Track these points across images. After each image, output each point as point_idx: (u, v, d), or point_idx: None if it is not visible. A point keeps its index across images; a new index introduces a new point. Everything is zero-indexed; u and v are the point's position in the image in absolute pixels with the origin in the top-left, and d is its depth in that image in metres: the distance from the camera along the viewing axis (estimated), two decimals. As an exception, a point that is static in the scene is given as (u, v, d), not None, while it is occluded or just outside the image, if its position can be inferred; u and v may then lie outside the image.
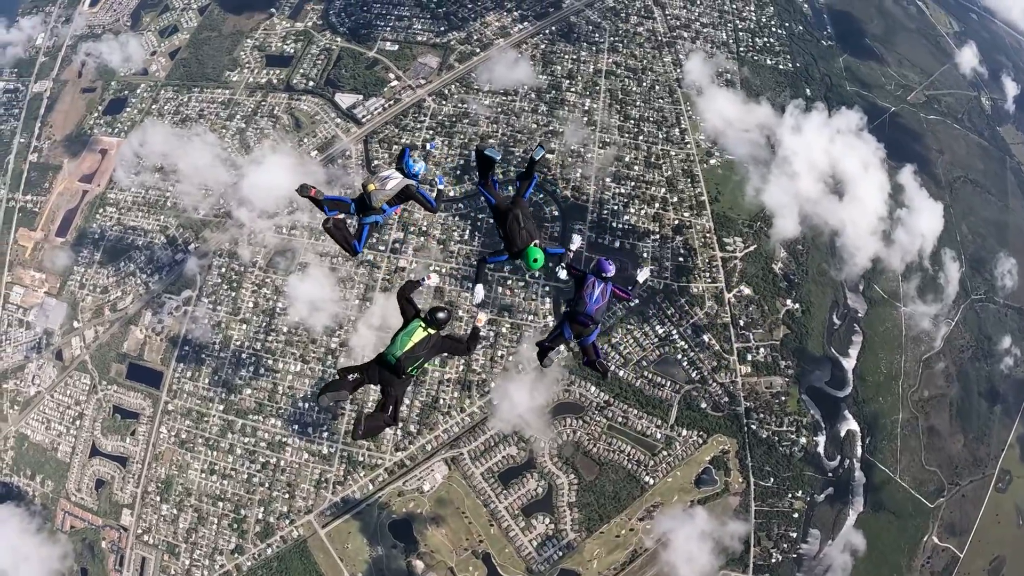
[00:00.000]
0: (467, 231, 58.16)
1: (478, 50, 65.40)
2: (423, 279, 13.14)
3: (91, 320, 60.75)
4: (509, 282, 56.26)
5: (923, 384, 62.61)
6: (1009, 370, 67.89)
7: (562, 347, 12.75)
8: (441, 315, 11.50)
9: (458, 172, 59.89)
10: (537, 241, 12.43)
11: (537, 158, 13.76)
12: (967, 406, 64.62)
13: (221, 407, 55.42)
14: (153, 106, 68.11)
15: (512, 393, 52.90)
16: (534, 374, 53.42)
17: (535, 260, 12.14)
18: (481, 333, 12.81)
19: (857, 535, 56.31)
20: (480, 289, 13.48)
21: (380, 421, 11.61)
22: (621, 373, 54.50)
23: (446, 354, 12.03)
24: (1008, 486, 62.58)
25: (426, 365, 11.78)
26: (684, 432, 54.01)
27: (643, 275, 14.51)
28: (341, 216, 12.44)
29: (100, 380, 58.37)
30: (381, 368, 11.31)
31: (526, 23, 67.25)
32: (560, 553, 51.71)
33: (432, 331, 11.37)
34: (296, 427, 54.21)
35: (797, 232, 60.60)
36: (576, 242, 14.80)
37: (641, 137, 61.84)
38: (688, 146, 61.70)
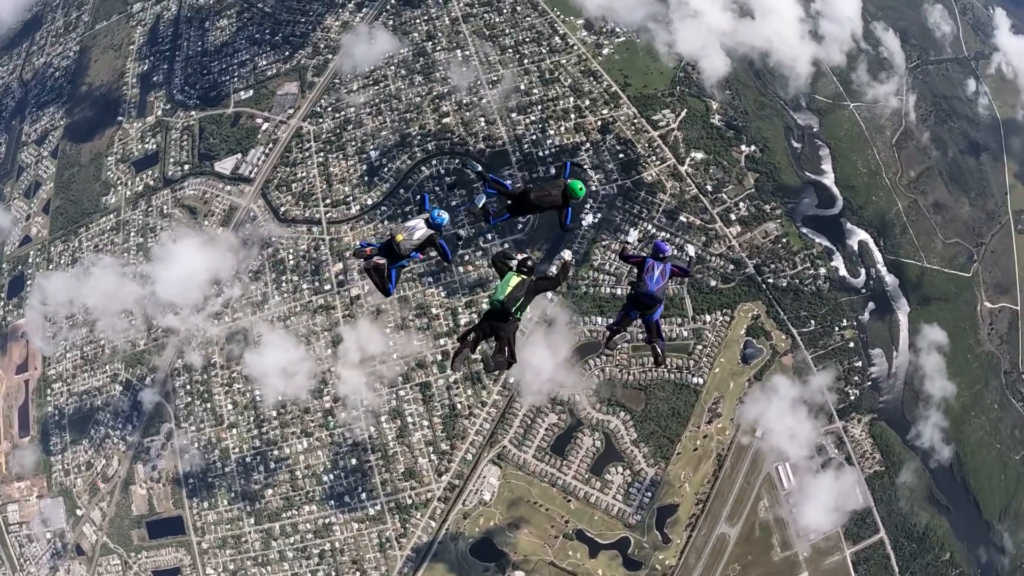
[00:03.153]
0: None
1: (330, 56, 61.61)
2: (512, 256, 13.95)
3: (91, 501, 56.83)
4: (480, 254, 52.89)
5: (905, 166, 60.59)
6: (978, 117, 66.52)
7: (627, 332, 12.93)
8: (530, 263, 13.19)
9: (365, 179, 56.15)
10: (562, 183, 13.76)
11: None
12: (956, 168, 63.00)
13: (252, 520, 51.69)
14: (50, 267, 63.88)
15: (531, 360, 48.94)
16: (541, 332, 49.96)
17: (580, 188, 13.54)
18: (571, 266, 14.47)
19: (934, 330, 54.69)
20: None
21: (502, 358, 12.89)
22: (619, 291, 50.97)
23: (541, 293, 13.45)
24: (1027, 223, 60.96)
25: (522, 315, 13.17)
26: (708, 318, 50.81)
27: (691, 250, 18.07)
28: (383, 261, 13.27)
29: (128, 554, 54.59)
30: (490, 319, 12.72)
31: (364, 8, 63.20)
32: (649, 494, 48.69)
33: (524, 276, 12.79)
34: (333, 503, 50.57)
35: (729, 67, 57.73)
36: (632, 235, 17.30)
37: (526, 61, 58.45)
38: (574, 48, 58.38)
